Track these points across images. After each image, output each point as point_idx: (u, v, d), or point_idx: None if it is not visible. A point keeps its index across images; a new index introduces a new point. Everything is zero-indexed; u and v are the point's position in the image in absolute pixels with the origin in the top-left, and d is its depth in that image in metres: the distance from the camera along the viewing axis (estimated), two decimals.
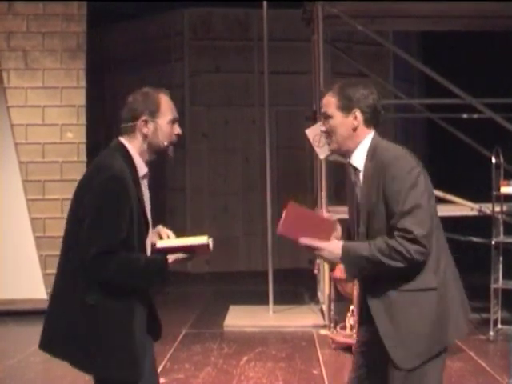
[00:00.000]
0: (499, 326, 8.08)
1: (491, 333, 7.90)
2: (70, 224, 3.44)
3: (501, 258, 8.12)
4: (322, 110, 3.56)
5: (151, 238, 3.51)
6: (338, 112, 3.48)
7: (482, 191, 8.37)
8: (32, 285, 9.37)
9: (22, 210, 9.41)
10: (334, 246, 3.39)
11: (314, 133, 8.12)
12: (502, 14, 9.46)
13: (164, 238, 3.50)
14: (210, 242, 3.47)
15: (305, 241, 3.40)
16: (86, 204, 3.28)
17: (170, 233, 3.55)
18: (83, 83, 9.62)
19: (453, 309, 3.42)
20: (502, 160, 8.07)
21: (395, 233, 3.28)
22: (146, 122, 3.48)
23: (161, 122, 3.50)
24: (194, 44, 13.97)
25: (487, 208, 8.48)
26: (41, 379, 6.82)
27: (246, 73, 13.71)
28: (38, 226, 9.45)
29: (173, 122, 3.55)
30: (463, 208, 8.91)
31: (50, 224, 9.43)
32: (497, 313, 8.05)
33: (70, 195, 9.93)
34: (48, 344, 3.49)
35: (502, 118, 8.83)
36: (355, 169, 3.54)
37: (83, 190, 3.35)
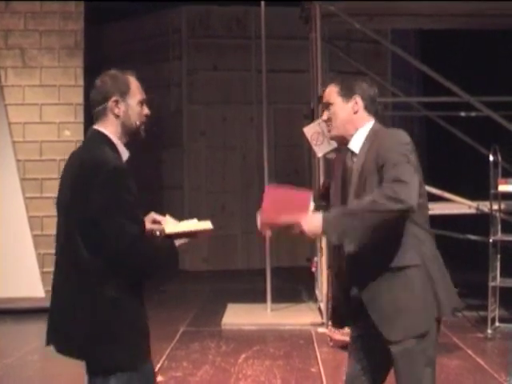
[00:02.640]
0: (497, 323, 8.09)
1: (489, 331, 7.90)
2: (72, 224, 3.31)
3: (498, 256, 8.13)
4: (324, 101, 3.64)
5: (155, 217, 3.58)
6: (338, 98, 3.58)
7: (479, 189, 8.38)
8: (30, 283, 9.37)
9: (19, 208, 9.40)
10: (313, 217, 3.38)
11: (311, 131, 8.12)
12: (500, 13, 9.45)
13: (162, 224, 3.52)
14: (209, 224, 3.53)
15: (284, 219, 3.41)
16: (95, 203, 3.22)
17: (168, 217, 3.57)
18: (81, 81, 9.61)
19: (437, 288, 3.50)
20: (499, 158, 8.08)
21: (383, 183, 3.29)
22: (116, 102, 3.45)
23: (131, 103, 3.48)
24: (192, 42, 13.97)
25: (485, 206, 8.48)
26: (38, 377, 6.82)
27: (244, 71, 13.72)
28: (36, 224, 9.44)
29: (142, 102, 3.52)
30: (461, 206, 8.91)
31: (48, 222, 9.42)
32: (494, 311, 8.06)
33: None
34: (60, 342, 3.58)
35: (500, 116, 8.83)
36: (352, 153, 3.59)
37: (83, 189, 3.27)
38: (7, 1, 9.52)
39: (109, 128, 3.44)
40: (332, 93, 3.61)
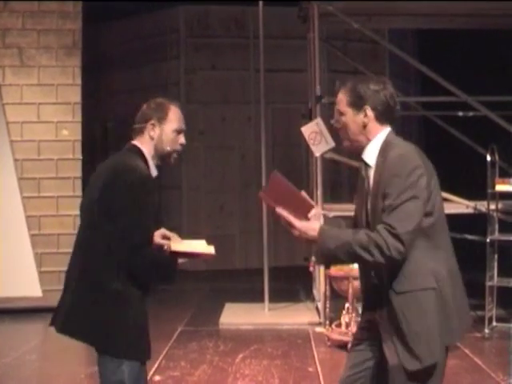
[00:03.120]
0: (494, 323, 8.10)
1: (486, 330, 7.91)
2: (94, 218, 3.66)
3: (496, 256, 8.14)
4: (336, 107, 3.57)
5: (165, 233, 3.75)
6: (349, 109, 3.50)
7: (477, 189, 8.38)
8: (27, 282, 9.36)
9: (17, 207, 9.39)
10: (311, 225, 3.36)
11: (309, 130, 8.14)
12: (498, 13, 9.47)
13: (171, 240, 3.71)
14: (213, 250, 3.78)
15: (282, 212, 3.38)
16: (115, 202, 3.57)
17: (175, 235, 3.75)
18: (79, 80, 9.61)
19: (451, 313, 3.35)
20: (497, 158, 8.09)
21: (379, 226, 3.25)
22: (153, 125, 3.83)
23: (166, 129, 3.83)
24: (191, 41, 13.97)
25: (482, 206, 8.50)
26: (36, 377, 6.82)
27: (242, 70, 13.72)
28: (34, 223, 9.44)
29: (178, 131, 3.86)
30: (459, 206, 8.92)
31: (46, 222, 9.43)
32: (492, 310, 8.07)
33: (66, 193, 9.86)
34: (68, 327, 3.80)
35: (498, 116, 8.84)
36: (366, 164, 3.52)
37: (111, 189, 3.61)
38: (5, 0, 9.51)
39: (144, 145, 3.82)
40: (342, 102, 3.52)
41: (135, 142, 3.86)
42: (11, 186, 9.43)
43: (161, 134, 3.82)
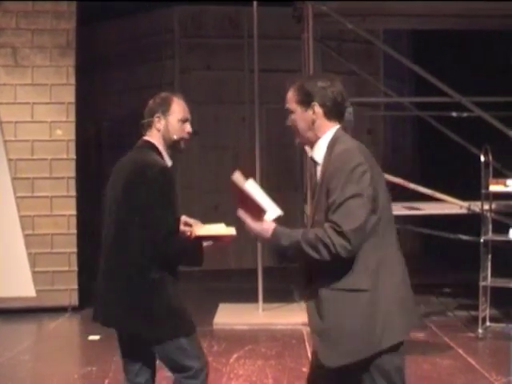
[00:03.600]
0: (488, 323, 8.12)
1: (480, 330, 7.93)
2: (123, 214, 3.95)
3: (489, 256, 8.16)
4: (286, 106, 3.63)
5: (188, 220, 4.22)
6: (297, 106, 3.56)
7: (471, 189, 8.40)
8: (21, 283, 9.35)
9: (10, 207, 9.38)
10: (265, 226, 3.46)
11: None
12: (492, 13, 9.49)
13: (193, 227, 4.09)
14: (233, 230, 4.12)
15: (241, 214, 3.55)
16: (143, 196, 3.88)
17: (197, 221, 4.22)
18: (73, 80, 9.59)
19: (388, 313, 3.35)
20: (490, 158, 8.10)
21: (325, 224, 3.29)
22: (159, 118, 4.11)
23: (171, 119, 4.10)
24: (185, 41, 13.96)
25: (476, 206, 8.51)
26: (30, 378, 6.81)
27: (236, 70, 13.71)
28: (27, 223, 9.42)
29: (182, 120, 4.12)
30: (452, 206, 8.93)
31: (39, 222, 9.42)
32: (485, 310, 8.08)
33: (60, 193, 9.84)
34: (110, 318, 4.03)
35: (491, 117, 8.86)
36: (315, 162, 3.57)
37: (134, 186, 3.92)
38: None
39: (154, 139, 4.12)
40: (291, 100, 3.58)
41: (146, 138, 4.14)
42: (5, 185, 9.42)
43: (167, 125, 4.09)
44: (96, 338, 8.16)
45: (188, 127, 4.14)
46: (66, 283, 9.47)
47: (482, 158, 8.07)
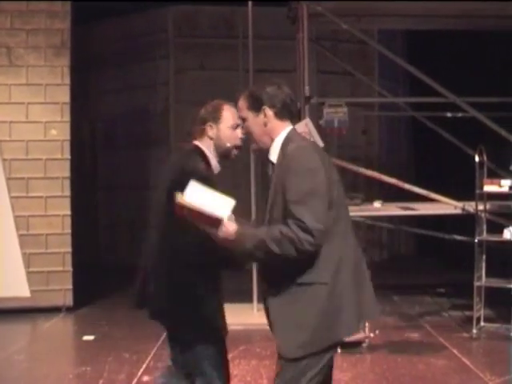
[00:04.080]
0: (482, 323, 8.13)
1: (474, 330, 7.94)
2: (163, 215, 4.06)
3: (484, 256, 8.16)
4: (238, 115, 3.77)
5: None
6: (249, 113, 3.65)
7: (465, 190, 8.41)
8: (15, 283, 9.33)
9: (5, 207, 9.36)
10: (226, 231, 3.47)
11: (298, 131, 8.12)
12: (487, 14, 9.50)
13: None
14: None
15: (199, 224, 3.54)
16: None
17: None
18: (67, 80, 9.57)
19: (345, 307, 3.43)
20: (485, 159, 8.11)
21: (289, 220, 3.33)
22: (210, 126, 4.19)
23: (222, 127, 4.18)
24: (179, 41, 13.95)
25: (471, 206, 8.52)
26: (25, 378, 6.79)
27: (231, 71, 13.70)
28: (22, 223, 9.40)
29: (233, 127, 4.17)
30: (447, 206, 8.95)
31: (34, 222, 9.40)
32: (480, 310, 8.09)
33: (54, 193, 9.82)
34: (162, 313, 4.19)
35: (486, 117, 8.88)
36: (272, 163, 3.62)
37: (172, 190, 3.84)
38: None
39: (204, 145, 4.20)
40: (243, 108, 3.69)
41: (196, 143, 4.23)
42: None
43: (218, 133, 4.17)
44: (90, 338, 8.15)
45: (239, 133, 4.16)
46: (61, 283, 9.45)
47: (477, 159, 8.07)
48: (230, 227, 3.47)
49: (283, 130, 3.61)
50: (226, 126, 4.17)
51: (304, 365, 3.43)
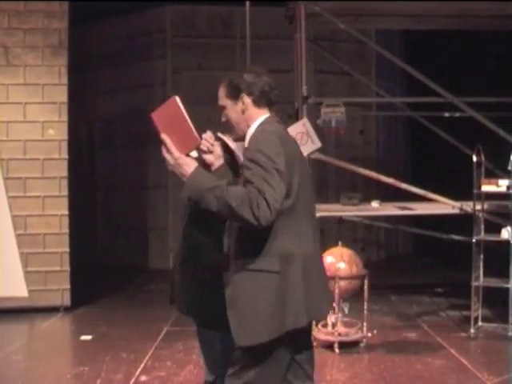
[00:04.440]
0: (480, 323, 8.13)
1: (472, 330, 7.94)
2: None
3: (482, 256, 8.17)
4: (218, 104, 3.74)
5: None
6: (228, 101, 3.67)
7: (463, 189, 8.41)
8: (13, 282, 9.32)
9: (2, 207, 9.34)
10: (188, 161, 3.44)
11: (296, 131, 8.14)
12: (484, 14, 9.51)
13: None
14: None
15: (166, 139, 3.47)
16: None
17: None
18: (65, 80, 9.56)
19: (295, 299, 3.42)
20: (483, 158, 8.12)
21: (251, 187, 3.29)
22: None
23: None
24: (177, 41, 13.95)
25: (468, 206, 8.53)
26: (22, 378, 6.78)
27: (228, 70, 13.59)
28: (19, 223, 9.39)
29: None
30: (445, 206, 8.96)
31: (32, 222, 9.39)
32: (477, 310, 8.10)
33: (52, 193, 9.82)
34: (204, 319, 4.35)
35: (484, 117, 8.88)
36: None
37: None
38: None
39: (229, 140, 4.14)
40: (222, 96, 3.70)
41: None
42: None
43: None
44: (88, 338, 8.15)
45: None
46: (59, 283, 9.44)
47: (474, 158, 8.08)
48: (192, 162, 3.44)
49: (260, 116, 3.62)
50: None
51: (255, 354, 3.42)
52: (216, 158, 3.81)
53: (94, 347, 7.76)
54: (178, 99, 3.48)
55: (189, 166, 3.42)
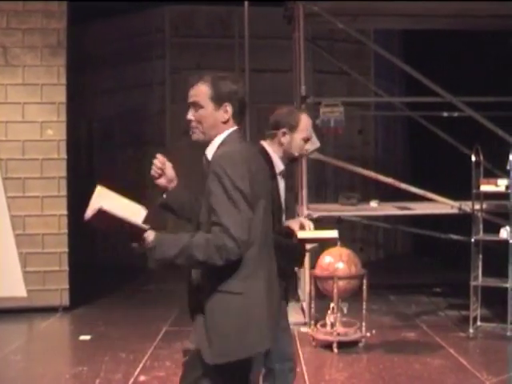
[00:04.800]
0: (479, 323, 8.13)
1: (471, 330, 7.94)
2: None
3: (480, 256, 8.17)
4: (192, 100, 3.54)
5: (291, 224, 4.32)
6: (210, 103, 3.50)
7: (462, 189, 8.42)
8: (12, 282, 9.32)
9: (1, 207, 9.34)
10: (149, 236, 3.33)
11: None
12: (483, 13, 9.51)
13: (306, 229, 4.23)
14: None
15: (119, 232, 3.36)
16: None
17: (310, 224, 4.28)
18: (63, 80, 9.56)
19: (258, 320, 3.41)
20: (481, 158, 8.12)
21: (215, 228, 3.27)
22: (284, 133, 4.31)
23: (296, 137, 4.31)
24: (176, 41, 13.95)
25: (467, 206, 8.53)
26: (21, 378, 6.78)
27: (227, 70, 13.64)
28: (18, 223, 9.39)
29: (306, 140, 4.35)
30: (443, 206, 8.96)
31: (30, 222, 9.39)
32: (476, 310, 8.10)
33: (51, 193, 9.83)
34: None
35: (482, 117, 8.88)
36: (207, 160, 3.56)
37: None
38: None
39: (271, 147, 4.36)
40: (203, 95, 3.51)
41: (263, 143, 4.42)
42: None
43: (290, 141, 4.30)
44: (87, 338, 8.15)
45: (308, 146, 4.37)
46: (57, 283, 9.44)
47: (473, 158, 8.08)
48: (150, 236, 3.33)
49: (229, 129, 3.53)
50: (300, 137, 4.31)
51: (221, 372, 3.40)
52: (169, 182, 3.82)
53: (92, 347, 7.76)
54: (99, 207, 3.24)
55: (147, 243, 3.32)
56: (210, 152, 3.55)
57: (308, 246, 4.29)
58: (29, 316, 9.24)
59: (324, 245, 6.89)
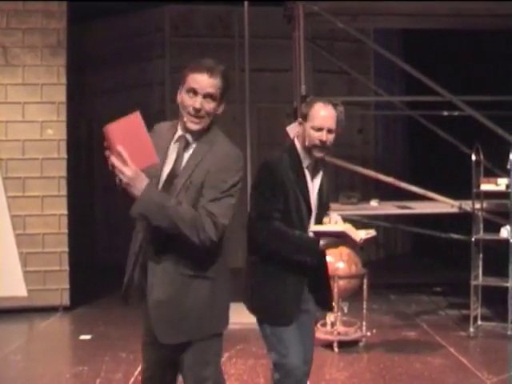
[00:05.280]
0: (479, 322, 8.14)
1: (471, 329, 7.94)
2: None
3: (481, 255, 8.17)
4: (208, 91, 3.60)
5: (324, 220, 4.28)
6: (219, 95, 3.63)
7: (462, 188, 8.42)
8: (12, 282, 9.32)
9: (1, 207, 9.34)
10: (141, 177, 3.33)
11: (295, 130, 8.11)
12: (483, 13, 9.51)
13: (331, 223, 4.18)
14: (364, 235, 4.00)
15: (120, 151, 3.28)
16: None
17: (339, 218, 4.23)
18: (64, 80, 9.56)
19: (224, 302, 3.80)
20: (481, 157, 8.12)
21: (202, 210, 3.39)
22: (300, 123, 4.29)
23: (307, 126, 4.21)
24: (175, 41, 13.94)
25: (467, 205, 8.53)
26: (21, 377, 6.78)
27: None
28: (18, 223, 9.39)
29: (315, 129, 4.15)
30: (444, 205, 8.96)
31: (30, 221, 9.39)
32: (477, 309, 8.10)
33: (51, 192, 9.82)
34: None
35: (482, 116, 8.89)
36: (187, 141, 3.62)
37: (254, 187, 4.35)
38: None
39: (297, 139, 4.31)
40: (217, 88, 3.62)
41: (295, 137, 4.38)
42: None
43: (304, 131, 4.21)
44: (87, 337, 8.15)
45: (322, 135, 4.13)
46: (58, 283, 9.45)
47: (473, 157, 8.08)
48: (143, 181, 3.34)
49: (214, 124, 3.69)
50: (309, 126, 4.17)
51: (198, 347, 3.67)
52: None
53: (93, 347, 7.77)
54: (140, 116, 3.37)
55: (142, 181, 3.33)
56: (192, 137, 3.63)
57: (322, 242, 4.06)
58: (29, 316, 9.24)
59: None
